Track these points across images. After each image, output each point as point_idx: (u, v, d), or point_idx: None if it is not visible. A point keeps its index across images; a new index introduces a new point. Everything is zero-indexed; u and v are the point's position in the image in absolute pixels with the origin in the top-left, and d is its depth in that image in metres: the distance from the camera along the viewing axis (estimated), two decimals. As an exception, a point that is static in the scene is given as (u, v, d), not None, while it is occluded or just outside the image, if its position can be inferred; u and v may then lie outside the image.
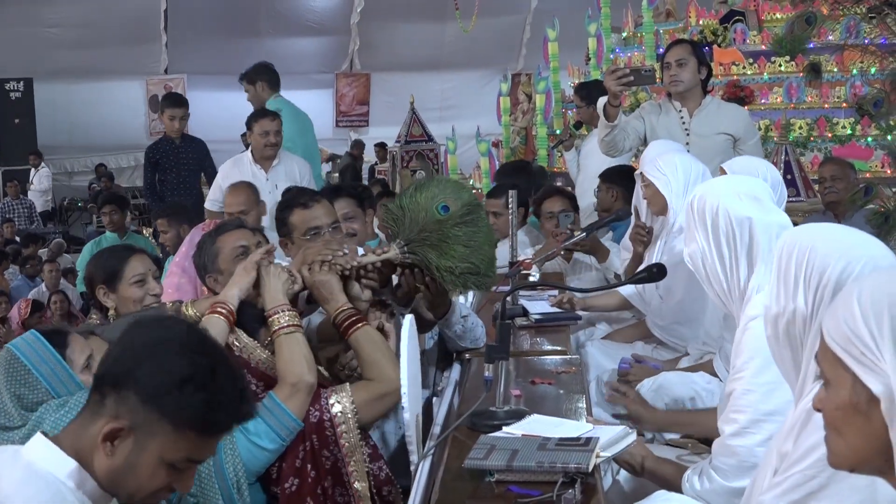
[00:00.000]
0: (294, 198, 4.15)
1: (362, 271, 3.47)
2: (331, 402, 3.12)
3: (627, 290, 4.78)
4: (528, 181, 6.86)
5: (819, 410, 1.62)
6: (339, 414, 3.10)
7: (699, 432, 3.32)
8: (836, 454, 1.61)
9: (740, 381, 2.77)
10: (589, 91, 7.58)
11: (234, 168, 7.43)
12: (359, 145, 19.97)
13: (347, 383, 3.21)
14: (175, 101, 8.81)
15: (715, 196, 2.92)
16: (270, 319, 3.21)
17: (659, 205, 4.60)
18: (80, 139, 21.07)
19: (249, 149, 7.57)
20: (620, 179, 6.05)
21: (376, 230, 6.27)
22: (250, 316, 3.31)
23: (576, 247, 5.45)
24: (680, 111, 5.79)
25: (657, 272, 3.33)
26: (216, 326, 3.13)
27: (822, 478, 1.96)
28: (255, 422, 2.94)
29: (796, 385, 2.14)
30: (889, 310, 1.48)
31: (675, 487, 2.86)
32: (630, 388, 3.56)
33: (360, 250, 3.64)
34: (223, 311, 3.22)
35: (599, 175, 6.30)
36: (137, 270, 3.80)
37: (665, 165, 4.54)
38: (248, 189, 6.18)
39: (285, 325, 3.18)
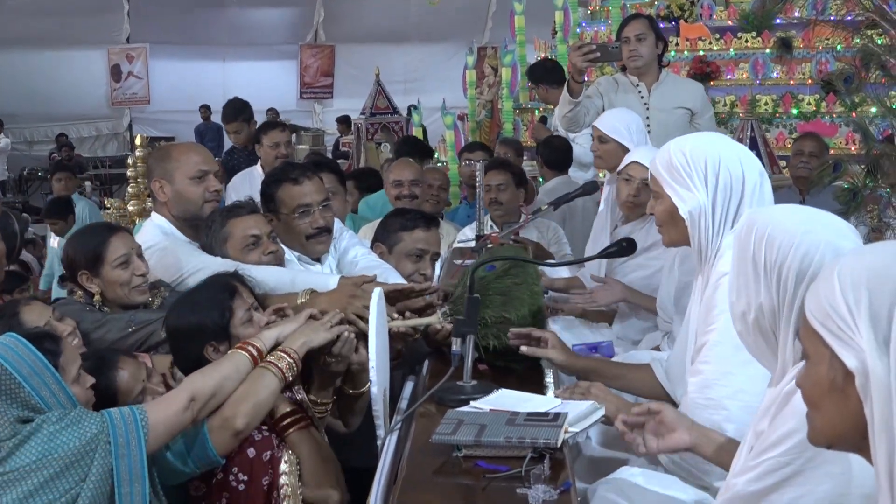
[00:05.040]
0: (283, 172, 4.00)
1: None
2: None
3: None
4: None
5: (800, 387, 1.61)
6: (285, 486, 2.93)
7: (623, 386, 3.23)
8: (814, 430, 1.59)
9: (712, 334, 2.76)
10: (539, 73, 7.60)
11: (245, 183, 6.95)
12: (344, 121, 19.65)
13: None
14: (228, 117, 8.33)
15: (717, 151, 2.88)
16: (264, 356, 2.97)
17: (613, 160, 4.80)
18: (40, 108, 20.84)
19: (259, 163, 7.18)
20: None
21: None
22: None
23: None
24: (637, 86, 5.81)
25: (627, 246, 3.30)
26: (237, 367, 2.91)
27: (796, 465, 1.95)
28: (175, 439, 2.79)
29: (775, 371, 2.13)
30: (867, 284, 1.47)
31: None
32: (552, 335, 3.42)
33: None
34: (252, 351, 2.96)
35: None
36: (120, 251, 3.51)
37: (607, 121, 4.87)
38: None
39: (278, 365, 2.93)
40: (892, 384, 1.42)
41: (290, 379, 2.97)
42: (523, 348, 3.24)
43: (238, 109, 8.19)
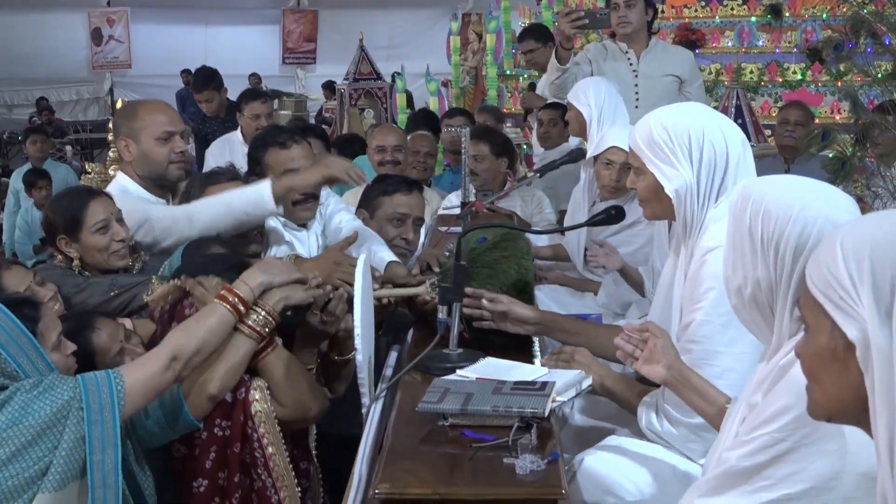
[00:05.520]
0: (270, 135, 3.94)
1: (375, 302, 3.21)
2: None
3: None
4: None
5: (799, 357, 1.58)
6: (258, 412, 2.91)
7: (582, 342, 3.15)
8: (813, 403, 1.56)
9: (699, 312, 2.73)
10: (524, 33, 7.54)
11: (225, 149, 6.93)
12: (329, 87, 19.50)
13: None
14: (198, 86, 8.27)
15: (700, 125, 2.82)
16: (247, 309, 2.89)
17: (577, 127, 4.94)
18: (20, 71, 20.62)
19: (240, 129, 7.11)
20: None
21: None
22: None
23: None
24: (626, 53, 5.77)
25: (616, 214, 3.26)
26: (221, 320, 2.82)
27: (790, 441, 1.91)
28: (152, 406, 2.76)
29: (770, 344, 2.10)
30: (870, 254, 1.43)
31: (633, 409, 2.83)
32: (508, 299, 3.35)
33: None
34: (236, 302, 2.85)
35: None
36: (98, 216, 3.48)
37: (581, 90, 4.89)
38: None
39: (253, 327, 2.88)
40: (894, 355, 1.39)
41: (266, 336, 2.93)
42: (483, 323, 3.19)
43: (207, 77, 8.16)
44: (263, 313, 2.90)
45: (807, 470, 1.91)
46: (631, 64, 5.73)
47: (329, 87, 17.97)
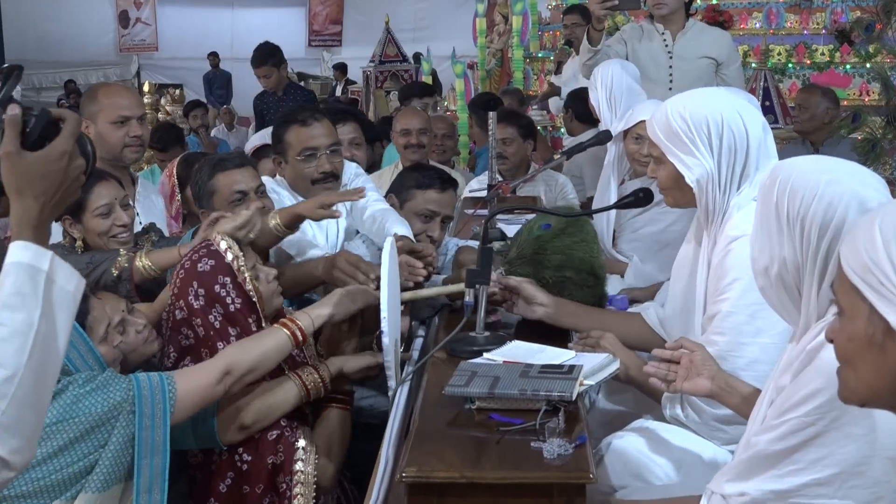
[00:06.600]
0: (293, 114, 3.90)
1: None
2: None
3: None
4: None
5: (831, 342, 1.55)
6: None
7: (580, 328, 3.12)
8: (846, 388, 1.53)
9: (725, 303, 2.69)
10: (586, 11, 7.47)
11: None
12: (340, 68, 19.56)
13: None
14: (256, 61, 8.24)
15: (718, 111, 2.78)
16: (305, 339, 2.90)
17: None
18: (49, 54, 20.74)
19: None
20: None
21: None
22: None
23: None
24: (663, 34, 5.70)
25: (644, 197, 3.22)
26: (278, 345, 2.82)
27: (819, 425, 1.90)
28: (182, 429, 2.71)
29: (798, 326, 2.07)
30: None
31: (658, 398, 2.80)
32: (526, 280, 3.30)
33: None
34: (296, 332, 2.85)
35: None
36: (102, 200, 3.51)
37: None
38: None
39: (306, 384, 2.90)
40: None
41: (311, 397, 2.94)
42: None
43: (267, 54, 8.17)
44: (317, 376, 2.94)
45: (835, 454, 1.89)
46: (666, 45, 5.67)
47: (341, 68, 17.94)
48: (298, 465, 2.84)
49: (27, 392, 1.51)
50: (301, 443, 2.87)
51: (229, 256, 2.90)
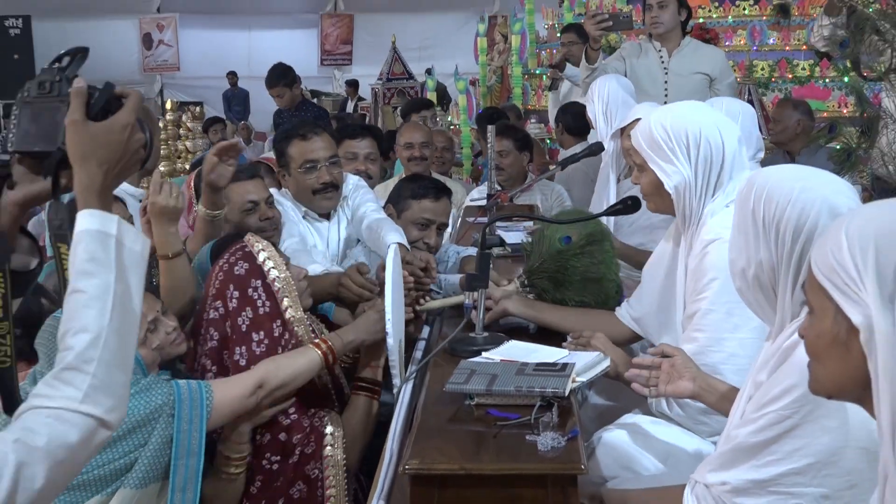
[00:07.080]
0: (294, 128, 3.92)
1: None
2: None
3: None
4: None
5: (803, 338, 1.56)
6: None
7: (560, 328, 3.17)
8: (815, 381, 1.54)
9: (703, 302, 2.71)
10: (582, 30, 7.49)
11: None
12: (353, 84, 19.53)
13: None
14: (270, 82, 8.16)
15: (697, 124, 2.79)
16: (335, 360, 2.93)
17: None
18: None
19: None
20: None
21: None
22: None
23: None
24: (660, 51, 5.75)
25: (632, 205, 3.23)
26: (310, 364, 2.84)
27: (795, 418, 1.91)
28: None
29: (774, 324, 2.09)
30: (875, 242, 1.41)
31: (645, 393, 2.79)
32: (501, 290, 3.34)
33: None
34: (326, 352, 2.88)
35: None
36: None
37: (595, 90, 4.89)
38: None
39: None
40: None
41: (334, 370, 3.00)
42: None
43: (279, 75, 8.19)
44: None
45: (811, 445, 1.91)
46: (662, 61, 5.72)
47: (353, 84, 17.95)
48: (328, 450, 2.86)
49: (112, 353, 1.52)
50: (329, 429, 2.89)
51: (261, 257, 2.91)
